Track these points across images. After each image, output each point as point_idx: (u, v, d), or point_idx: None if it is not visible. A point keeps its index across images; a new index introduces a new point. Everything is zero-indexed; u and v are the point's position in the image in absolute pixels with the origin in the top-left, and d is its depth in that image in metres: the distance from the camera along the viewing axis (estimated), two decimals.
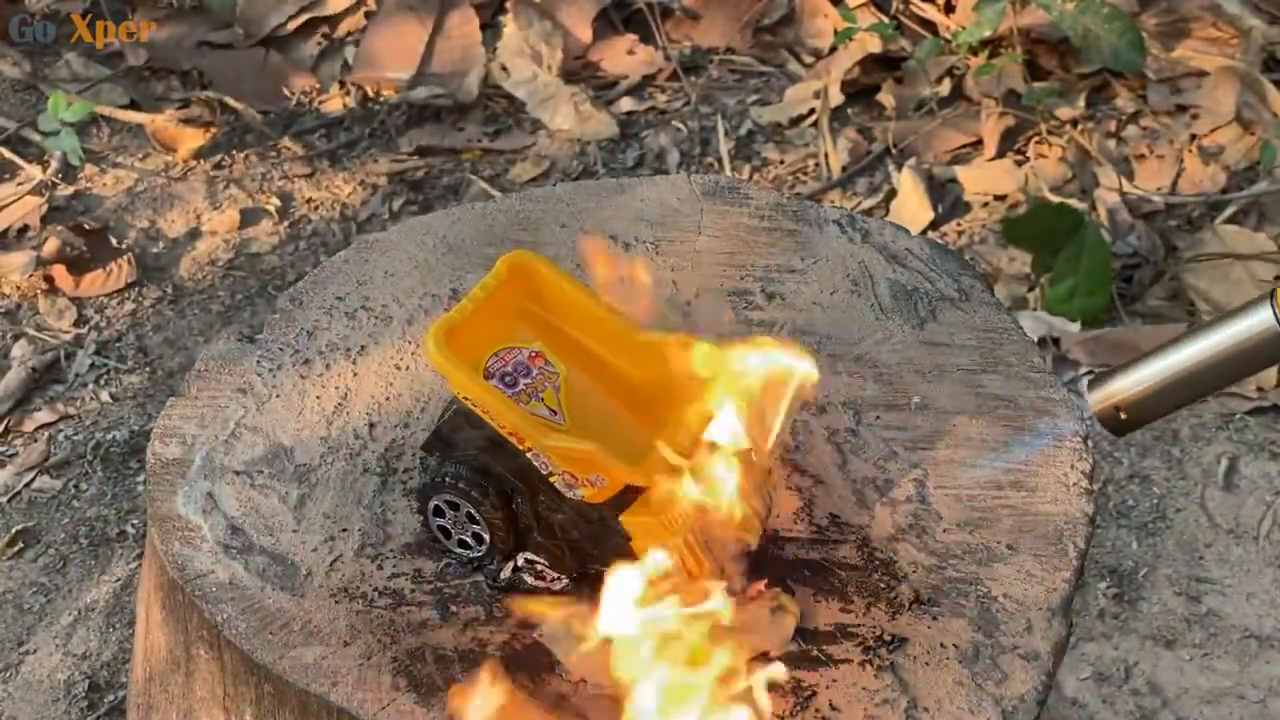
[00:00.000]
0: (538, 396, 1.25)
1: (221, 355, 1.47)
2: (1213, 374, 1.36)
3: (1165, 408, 1.40)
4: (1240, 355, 1.35)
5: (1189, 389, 1.38)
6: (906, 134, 2.78)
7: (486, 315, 1.26)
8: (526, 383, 1.26)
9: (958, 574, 1.33)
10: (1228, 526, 2.24)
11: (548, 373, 1.27)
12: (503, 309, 1.27)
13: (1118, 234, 2.59)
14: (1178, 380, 1.37)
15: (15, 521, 2.24)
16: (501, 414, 1.23)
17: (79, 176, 2.74)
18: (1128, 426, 1.40)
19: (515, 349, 1.27)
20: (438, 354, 1.23)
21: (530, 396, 1.25)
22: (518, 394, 1.25)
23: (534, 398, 1.25)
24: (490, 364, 1.26)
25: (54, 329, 2.50)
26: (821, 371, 1.28)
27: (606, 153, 2.79)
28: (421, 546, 1.34)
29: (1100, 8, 2.60)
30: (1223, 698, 2.05)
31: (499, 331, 1.27)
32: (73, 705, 2.04)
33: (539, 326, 1.28)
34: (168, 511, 1.34)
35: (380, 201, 2.69)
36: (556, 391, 1.26)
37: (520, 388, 1.26)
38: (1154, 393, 1.37)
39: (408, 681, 1.24)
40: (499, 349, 1.27)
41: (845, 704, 1.24)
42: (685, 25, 3.00)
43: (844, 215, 1.63)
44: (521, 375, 1.26)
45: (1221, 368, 1.36)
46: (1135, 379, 1.38)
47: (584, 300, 1.27)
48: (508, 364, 1.26)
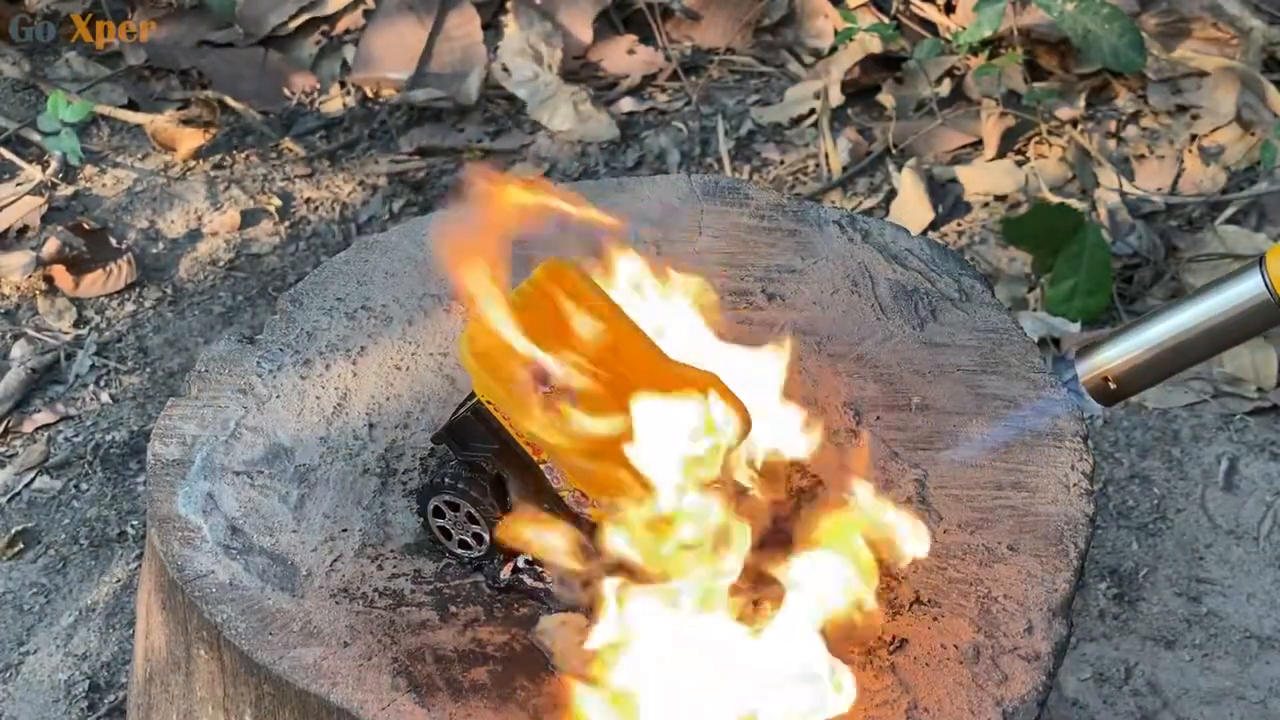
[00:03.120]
0: (555, 406, 1.25)
1: (222, 356, 1.47)
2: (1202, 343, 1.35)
3: (1155, 377, 1.38)
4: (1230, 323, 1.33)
5: (1178, 358, 1.36)
6: (907, 134, 2.78)
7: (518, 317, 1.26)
8: (545, 390, 1.25)
9: (958, 574, 1.33)
10: (1228, 527, 2.24)
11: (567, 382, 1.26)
12: (533, 314, 1.27)
13: (1118, 234, 2.59)
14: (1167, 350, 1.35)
15: (15, 522, 2.24)
16: (522, 423, 1.24)
17: (79, 176, 2.74)
18: (1116, 396, 1.38)
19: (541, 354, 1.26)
20: (469, 355, 1.23)
21: (549, 405, 1.25)
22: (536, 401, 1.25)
23: (551, 406, 1.25)
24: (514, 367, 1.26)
25: (54, 329, 2.50)
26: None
27: (607, 153, 2.79)
28: (421, 547, 1.34)
29: (1100, 8, 2.60)
30: (1223, 698, 2.05)
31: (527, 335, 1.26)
32: (73, 705, 2.04)
33: (564, 336, 1.28)
34: (168, 512, 1.34)
35: (380, 202, 2.69)
36: (572, 403, 1.26)
37: (539, 395, 1.25)
38: (1143, 363, 1.36)
39: (408, 682, 1.24)
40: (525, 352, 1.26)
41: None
42: (685, 26, 3.00)
43: (844, 215, 1.63)
44: (542, 383, 1.26)
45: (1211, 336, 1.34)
46: (1124, 349, 1.37)
47: (613, 316, 1.27)
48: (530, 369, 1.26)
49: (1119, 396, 1.39)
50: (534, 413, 1.23)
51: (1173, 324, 1.36)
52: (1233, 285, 1.33)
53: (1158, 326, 1.36)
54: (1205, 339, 1.35)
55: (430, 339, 1.50)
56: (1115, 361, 1.37)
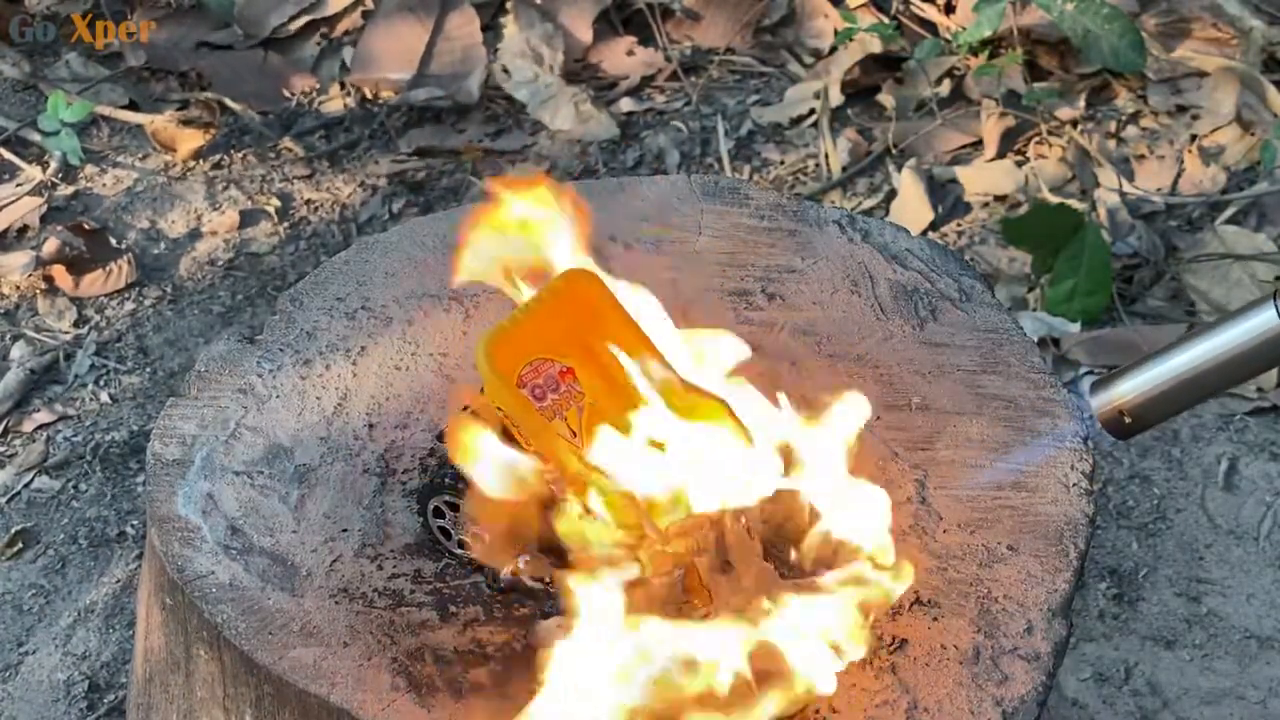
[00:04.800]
0: (561, 415, 1.25)
1: (221, 356, 1.47)
2: (1217, 376, 1.36)
3: (1170, 411, 1.39)
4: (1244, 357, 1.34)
5: (1193, 392, 1.37)
6: (907, 134, 2.77)
7: (533, 323, 1.26)
8: (554, 398, 1.25)
9: (958, 575, 1.33)
10: (1228, 527, 2.24)
11: (574, 392, 1.26)
12: (550, 320, 1.27)
13: (1118, 234, 2.59)
14: (1182, 383, 1.36)
15: (14, 522, 2.24)
16: (535, 434, 1.24)
17: (79, 176, 2.74)
18: (1132, 430, 1.39)
19: (550, 361, 1.26)
20: (486, 364, 1.23)
21: (555, 414, 1.25)
22: (544, 409, 1.25)
23: (558, 415, 1.25)
24: (524, 373, 1.26)
25: (53, 329, 2.50)
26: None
27: (607, 153, 2.79)
28: (421, 547, 1.34)
29: (1100, 8, 2.60)
30: (1223, 698, 2.05)
31: (539, 341, 1.26)
32: (72, 706, 2.04)
33: (577, 345, 1.28)
34: (168, 512, 1.34)
35: (380, 203, 2.69)
36: (580, 413, 1.26)
37: (547, 402, 1.25)
38: (1158, 396, 1.37)
39: (407, 682, 1.24)
40: (534, 359, 1.26)
41: (845, 705, 1.24)
42: (685, 26, 3.00)
43: (844, 215, 1.63)
44: (550, 390, 1.26)
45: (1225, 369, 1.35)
46: (1139, 382, 1.37)
47: (628, 332, 1.27)
48: (540, 376, 1.26)
49: (1134, 430, 1.39)
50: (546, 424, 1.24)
51: (1187, 357, 1.36)
52: (1247, 318, 1.34)
53: (1172, 360, 1.37)
54: (1220, 372, 1.35)
55: (430, 339, 1.50)
56: (1130, 395, 1.38)
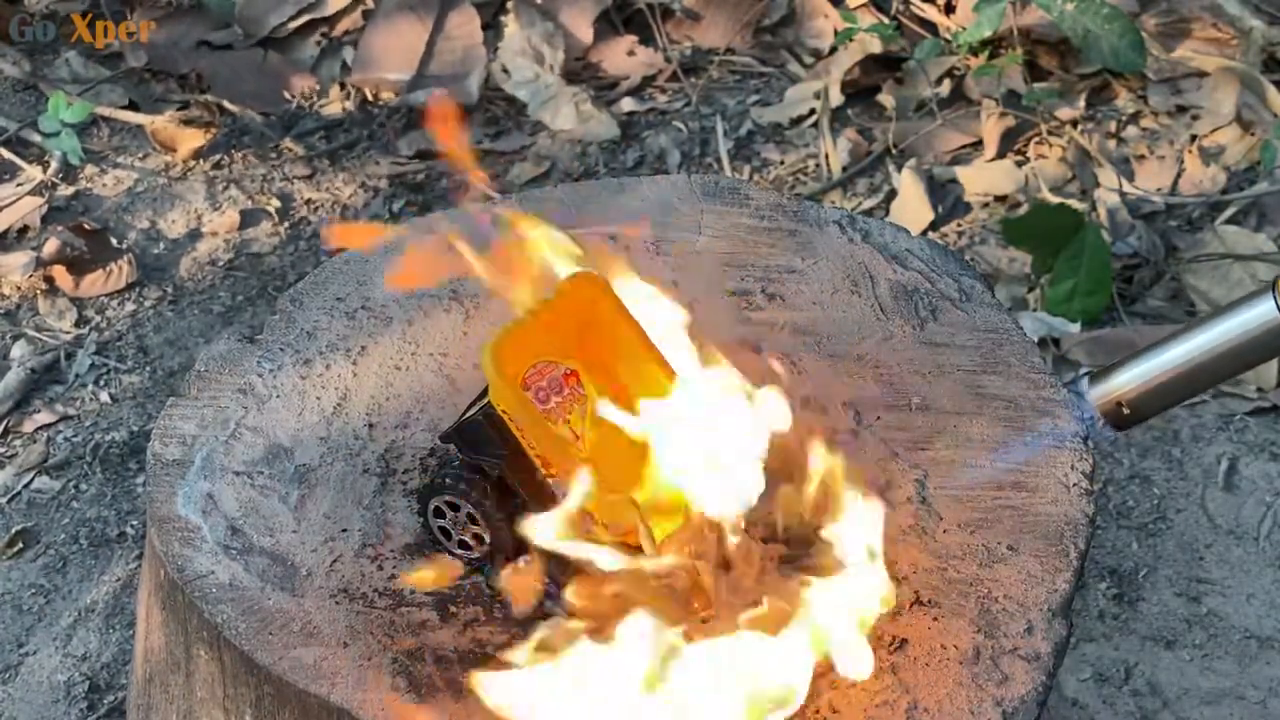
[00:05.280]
0: (564, 418, 1.25)
1: (222, 356, 1.47)
2: (1215, 367, 1.36)
3: (1168, 402, 1.40)
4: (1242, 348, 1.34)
5: (1192, 383, 1.38)
6: (907, 134, 2.77)
7: (538, 326, 1.26)
8: (557, 400, 1.26)
9: (958, 575, 1.33)
10: (1228, 527, 2.24)
11: (578, 395, 1.26)
12: (555, 322, 1.27)
13: (1118, 234, 2.59)
14: (1180, 375, 1.37)
15: (15, 522, 2.24)
16: (538, 436, 1.24)
17: (79, 177, 2.74)
18: (1130, 422, 1.39)
19: (554, 364, 1.27)
20: (491, 365, 1.23)
21: (558, 417, 1.25)
22: (548, 411, 1.25)
23: (561, 419, 1.25)
24: (529, 375, 1.26)
25: (54, 329, 2.50)
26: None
27: (607, 153, 2.79)
28: (421, 547, 1.34)
29: (1100, 8, 2.60)
30: (1223, 698, 2.05)
31: (544, 343, 1.27)
32: (72, 706, 2.04)
33: (582, 348, 1.28)
34: (167, 512, 1.34)
35: (381, 203, 2.69)
36: (583, 416, 1.26)
37: (550, 405, 1.25)
38: (1157, 388, 1.37)
39: (407, 682, 1.24)
40: (539, 361, 1.26)
41: (845, 705, 1.24)
42: (685, 26, 3.00)
43: (844, 216, 1.63)
44: (554, 392, 1.26)
45: (1224, 361, 1.36)
46: (1137, 374, 1.38)
47: (631, 337, 1.27)
48: (544, 378, 1.26)
49: (1132, 422, 1.40)
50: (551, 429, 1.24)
51: (1185, 349, 1.37)
52: (1244, 310, 1.35)
53: (1170, 351, 1.37)
54: (1218, 363, 1.36)
55: (430, 339, 1.50)
56: (1128, 386, 1.39)
